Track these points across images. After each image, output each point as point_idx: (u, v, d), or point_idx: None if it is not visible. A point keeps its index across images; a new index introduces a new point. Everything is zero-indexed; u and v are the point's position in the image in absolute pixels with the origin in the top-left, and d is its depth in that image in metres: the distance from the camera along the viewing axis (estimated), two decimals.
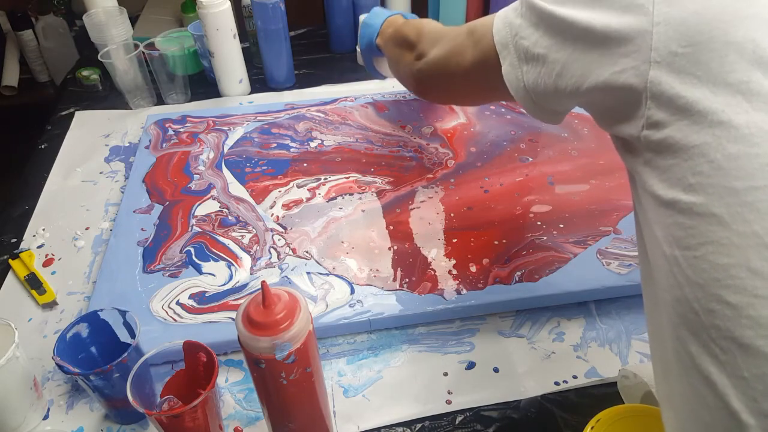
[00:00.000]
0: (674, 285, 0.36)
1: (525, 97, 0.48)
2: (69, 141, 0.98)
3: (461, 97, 0.71)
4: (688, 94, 0.35)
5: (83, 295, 0.72)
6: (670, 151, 0.36)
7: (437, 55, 0.63)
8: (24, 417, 0.59)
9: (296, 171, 0.87)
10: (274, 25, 1.02)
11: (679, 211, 0.35)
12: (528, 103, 0.49)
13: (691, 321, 0.35)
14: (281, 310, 0.45)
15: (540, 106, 0.49)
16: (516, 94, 0.49)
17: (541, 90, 0.46)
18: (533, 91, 0.47)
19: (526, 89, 0.48)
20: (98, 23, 0.99)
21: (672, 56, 0.35)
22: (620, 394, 0.59)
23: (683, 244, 0.35)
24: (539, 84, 0.46)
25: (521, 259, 0.71)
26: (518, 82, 0.48)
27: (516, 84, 0.48)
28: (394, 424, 0.59)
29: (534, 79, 0.46)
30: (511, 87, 0.49)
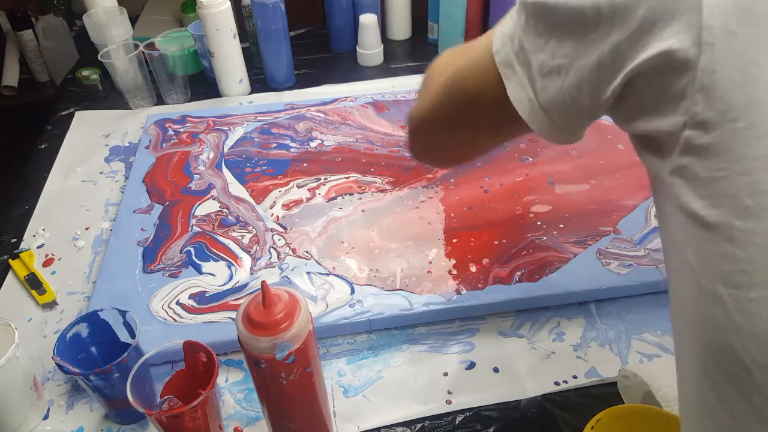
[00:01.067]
0: (713, 328, 0.30)
1: (541, 119, 0.40)
2: (69, 141, 0.98)
3: (459, 154, 0.59)
4: (750, 89, 0.28)
5: (83, 295, 0.72)
6: (718, 159, 0.29)
7: (422, 106, 0.54)
8: (24, 417, 0.59)
9: (296, 171, 0.87)
10: (274, 25, 1.02)
11: (727, 239, 0.28)
12: (544, 125, 0.41)
13: (736, 376, 0.29)
14: (281, 310, 0.45)
15: (560, 124, 0.41)
16: (530, 117, 0.41)
17: (567, 105, 0.38)
18: (554, 109, 0.39)
19: (543, 110, 0.40)
20: (98, 23, 0.99)
21: (730, 37, 0.28)
22: (620, 394, 0.59)
23: (732, 281, 0.28)
24: (564, 99, 0.38)
25: (521, 259, 0.71)
26: (531, 104, 0.40)
27: (528, 106, 0.40)
28: (394, 424, 0.59)
29: (554, 96, 0.38)
30: (522, 109, 0.41)
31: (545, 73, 0.38)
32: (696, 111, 0.29)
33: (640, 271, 0.69)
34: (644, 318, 0.66)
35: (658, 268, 0.69)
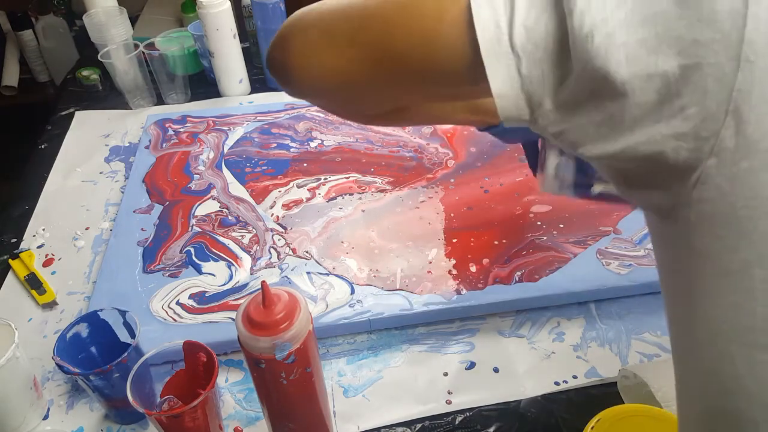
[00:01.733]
0: (720, 391, 0.27)
1: (506, 62, 0.31)
2: (69, 141, 0.98)
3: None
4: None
5: (83, 295, 0.72)
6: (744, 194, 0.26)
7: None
8: (24, 417, 0.59)
9: (296, 171, 0.87)
10: (274, 25, 1.01)
11: (746, 290, 0.26)
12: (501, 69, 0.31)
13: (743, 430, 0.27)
14: (281, 310, 0.45)
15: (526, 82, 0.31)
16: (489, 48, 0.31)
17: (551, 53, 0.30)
18: (530, 50, 0.30)
19: (512, 47, 0.30)
20: (98, 23, 0.99)
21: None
22: (620, 394, 0.59)
23: (746, 340, 0.26)
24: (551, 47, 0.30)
25: (521, 259, 0.71)
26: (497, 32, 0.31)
27: (493, 34, 0.31)
28: (394, 424, 0.59)
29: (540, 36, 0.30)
30: (483, 37, 0.31)
31: (537, 5, 0.30)
32: (724, 135, 0.26)
33: (640, 271, 0.69)
34: (644, 318, 0.66)
35: None
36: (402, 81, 0.38)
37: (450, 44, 0.33)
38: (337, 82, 0.39)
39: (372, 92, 0.41)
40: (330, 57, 0.38)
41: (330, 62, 0.38)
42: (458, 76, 0.34)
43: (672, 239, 0.30)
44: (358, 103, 0.44)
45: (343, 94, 0.41)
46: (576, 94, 0.30)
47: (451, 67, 0.34)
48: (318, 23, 0.39)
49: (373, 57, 0.36)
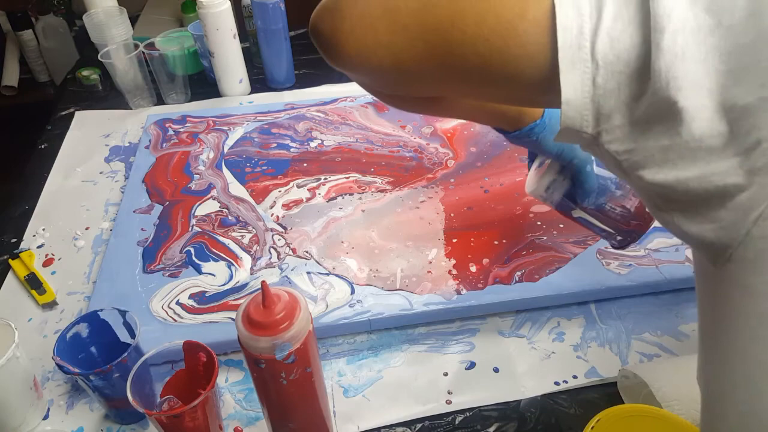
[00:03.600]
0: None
1: (582, 67, 0.30)
2: (69, 141, 0.98)
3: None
4: None
5: (83, 295, 0.72)
6: None
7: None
8: (24, 417, 0.59)
9: (296, 171, 0.87)
10: (274, 25, 1.02)
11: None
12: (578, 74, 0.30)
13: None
14: (281, 310, 0.45)
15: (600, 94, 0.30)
16: (566, 50, 0.30)
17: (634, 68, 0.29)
18: (612, 61, 0.29)
19: (592, 55, 0.29)
20: (98, 23, 0.99)
21: None
22: (620, 394, 0.59)
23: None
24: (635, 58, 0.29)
25: (521, 259, 0.71)
26: (579, 37, 0.30)
27: (575, 37, 0.30)
28: (394, 424, 0.59)
29: (625, 48, 0.29)
30: (564, 38, 0.30)
31: (624, 17, 0.29)
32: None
33: (640, 271, 0.69)
34: (644, 318, 0.66)
35: (658, 268, 0.69)
36: (460, 73, 0.35)
37: (526, 43, 0.31)
38: (390, 62, 0.36)
39: (423, 78, 0.38)
40: (388, 34, 0.35)
41: (387, 39, 0.36)
42: (523, 77, 0.33)
43: (722, 277, 0.29)
44: (403, 86, 0.42)
45: (392, 74, 0.38)
46: (649, 115, 0.29)
47: (520, 68, 0.32)
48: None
49: (436, 41, 0.34)
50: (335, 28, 0.38)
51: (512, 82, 0.34)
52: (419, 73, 0.37)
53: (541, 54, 0.31)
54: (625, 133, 0.30)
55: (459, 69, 0.35)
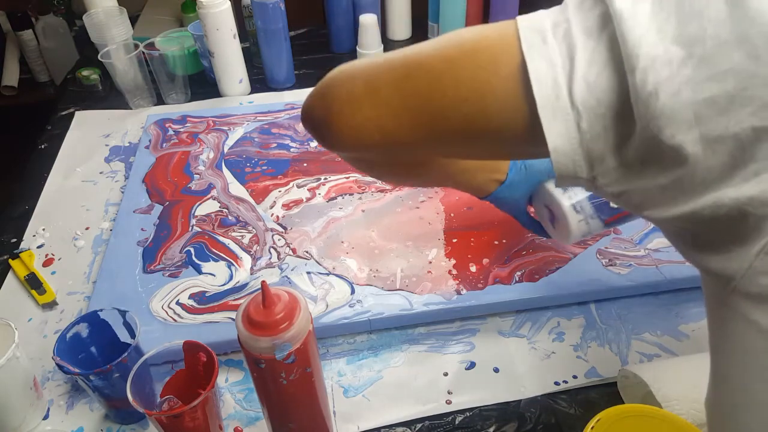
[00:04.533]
0: None
1: (563, 116, 0.30)
2: (69, 141, 0.98)
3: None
4: None
5: (83, 295, 0.72)
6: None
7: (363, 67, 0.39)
8: (24, 417, 0.59)
9: (296, 171, 0.87)
10: (274, 25, 1.02)
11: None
12: (563, 125, 0.30)
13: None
14: (281, 310, 0.45)
15: (587, 139, 0.31)
16: (545, 104, 0.30)
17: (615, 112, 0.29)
18: (593, 107, 0.30)
19: (572, 104, 0.30)
20: (98, 23, 0.99)
21: None
22: (620, 394, 0.59)
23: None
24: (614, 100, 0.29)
25: (521, 259, 0.71)
26: (556, 88, 0.30)
27: (551, 89, 0.30)
28: (394, 424, 0.59)
29: (604, 91, 0.29)
30: (540, 92, 0.30)
31: (598, 62, 0.29)
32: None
33: (640, 271, 0.69)
34: (644, 318, 0.66)
35: (658, 268, 0.69)
36: (446, 134, 0.36)
37: (504, 98, 0.32)
38: (380, 136, 0.38)
39: (415, 144, 0.39)
40: (374, 109, 0.37)
41: (374, 114, 0.37)
42: (508, 132, 0.33)
43: (728, 305, 0.29)
44: (396, 155, 0.43)
45: (384, 147, 0.39)
46: (641, 155, 0.29)
47: (503, 122, 0.33)
48: (361, 74, 0.38)
49: (419, 109, 0.35)
50: (325, 113, 0.40)
51: (499, 137, 0.34)
52: (409, 142, 0.38)
53: (521, 108, 0.31)
54: (621, 175, 0.30)
55: (446, 132, 0.36)
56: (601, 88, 0.29)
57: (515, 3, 1.12)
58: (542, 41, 0.31)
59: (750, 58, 0.25)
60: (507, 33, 0.32)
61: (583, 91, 0.29)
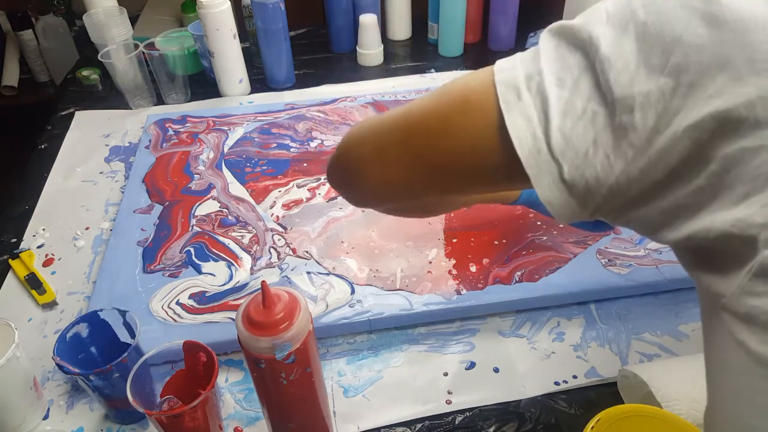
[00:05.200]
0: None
1: (546, 167, 0.31)
2: (69, 141, 0.98)
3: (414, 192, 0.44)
4: None
5: (83, 295, 0.72)
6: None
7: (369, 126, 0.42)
8: (24, 417, 0.59)
9: (296, 171, 0.87)
10: (274, 25, 1.02)
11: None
12: (547, 175, 0.32)
13: None
14: (281, 310, 0.45)
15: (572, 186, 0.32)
16: (529, 160, 0.32)
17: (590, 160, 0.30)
18: (571, 157, 0.31)
19: (552, 154, 0.31)
20: (98, 23, 0.99)
21: None
22: (620, 394, 0.59)
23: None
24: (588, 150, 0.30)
25: (521, 259, 0.71)
26: (536, 143, 0.31)
27: (531, 145, 0.31)
28: (394, 424, 0.59)
29: (578, 142, 0.30)
30: (522, 148, 0.32)
31: (571, 113, 0.30)
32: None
33: (640, 271, 0.69)
34: (644, 318, 0.66)
35: (658, 268, 0.69)
36: (454, 181, 0.39)
37: (491, 152, 0.34)
38: (394, 190, 0.42)
39: (426, 192, 0.42)
40: (385, 169, 0.40)
41: (385, 173, 0.40)
42: (502, 178, 0.36)
43: (720, 319, 0.29)
44: (411, 201, 0.47)
45: (401, 198, 0.43)
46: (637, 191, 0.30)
47: (495, 172, 0.35)
48: (370, 136, 0.41)
49: (425, 163, 0.38)
50: (342, 176, 0.45)
51: (504, 179, 0.36)
52: (422, 190, 0.42)
53: (509, 159, 0.33)
54: (619, 212, 0.32)
55: (454, 178, 0.38)
56: (578, 138, 0.30)
57: (515, 3, 1.12)
58: (517, 97, 0.32)
59: (733, 80, 0.26)
60: (488, 84, 0.33)
61: (560, 143, 0.30)
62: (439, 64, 1.15)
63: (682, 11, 0.28)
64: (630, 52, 0.29)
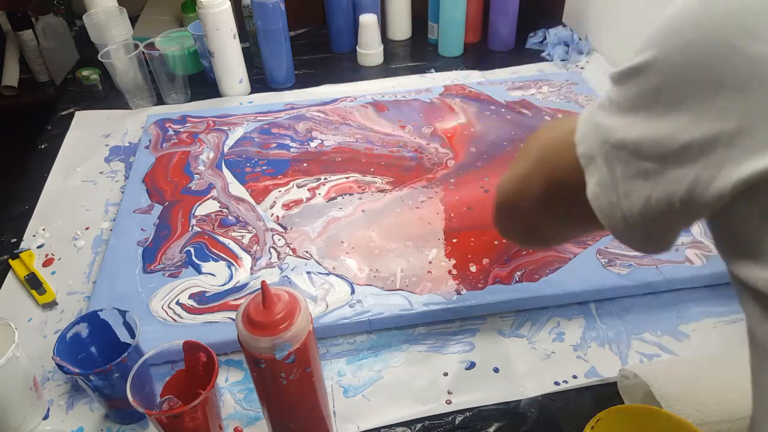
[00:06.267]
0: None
1: (623, 228, 0.35)
2: (69, 141, 0.98)
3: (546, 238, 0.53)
4: None
5: (83, 295, 0.72)
6: None
7: (501, 194, 0.51)
8: (24, 417, 0.59)
9: (296, 171, 0.87)
10: (274, 25, 1.02)
11: None
12: (627, 235, 0.36)
13: None
14: (281, 310, 0.45)
15: (647, 235, 0.35)
16: (610, 223, 0.35)
17: (653, 213, 0.33)
18: (638, 220, 0.34)
19: (624, 218, 0.34)
20: (98, 23, 0.99)
21: None
22: (620, 394, 0.59)
23: None
24: (650, 206, 0.32)
25: (521, 259, 0.71)
26: (612, 208, 0.35)
27: (609, 211, 0.35)
28: (394, 424, 0.59)
29: (642, 202, 0.33)
30: (602, 214, 0.35)
31: (630, 175, 0.33)
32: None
33: (640, 271, 0.69)
34: (644, 318, 0.66)
35: (658, 268, 0.69)
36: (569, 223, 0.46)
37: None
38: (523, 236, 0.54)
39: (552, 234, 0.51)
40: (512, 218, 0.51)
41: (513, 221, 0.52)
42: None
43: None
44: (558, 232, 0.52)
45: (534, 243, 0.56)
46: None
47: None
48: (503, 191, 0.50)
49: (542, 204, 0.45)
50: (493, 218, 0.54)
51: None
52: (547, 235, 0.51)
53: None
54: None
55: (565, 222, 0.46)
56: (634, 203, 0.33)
57: (515, 3, 1.12)
58: (595, 166, 0.35)
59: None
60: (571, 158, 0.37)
61: (628, 208, 0.34)
62: (439, 64, 1.15)
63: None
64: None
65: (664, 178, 0.31)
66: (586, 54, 1.13)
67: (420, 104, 1.00)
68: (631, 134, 0.32)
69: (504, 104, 0.99)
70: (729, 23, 0.28)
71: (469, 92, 1.02)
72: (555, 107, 0.98)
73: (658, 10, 1.03)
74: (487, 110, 0.98)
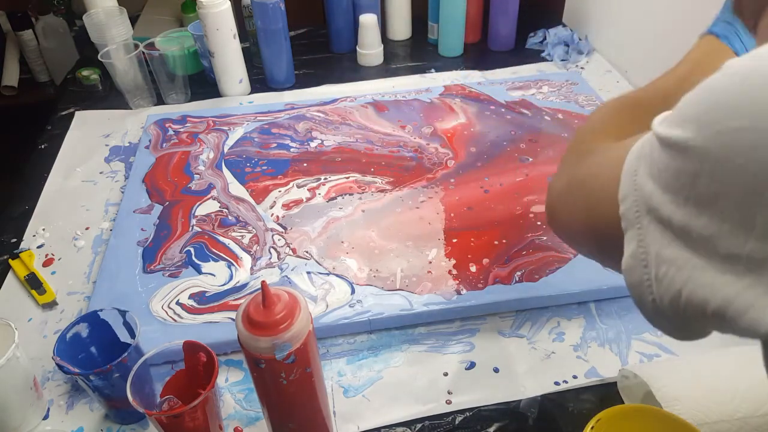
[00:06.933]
0: None
1: (652, 311, 0.33)
2: (69, 141, 0.98)
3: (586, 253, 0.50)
4: None
5: (83, 295, 0.72)
6: None
7: (556, 186, 0.49)
8: (24, 417, 0.59)
9: (296, 171, 0.87)
10: (274, 25, 1.02)
11: None
12: (657, 318, 0.34)
13: None
14: (281, 310, 0.45)
15: (678, 324, 0.32)
16: (638, 303, 0.34)
17: (683, 309, 0.29)
18: (671, 307, 0.30)
19: (654, 304, 0.32)
20: (98, 23, 0.99)
21: None
22: (620, 394, 0.59)
23: None
24: (680, 302, 0.29)
25: (521, 259, 0.71)
26: (643, 288, 0.32)
27: (639, 291, 0.33)
28: (394, 424, 0.59)
29: (673, 295, 0.30)
30: (632, 291, 0.33)
31: (664, 259, 0.29)
32: None
33: None
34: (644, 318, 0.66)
35: None
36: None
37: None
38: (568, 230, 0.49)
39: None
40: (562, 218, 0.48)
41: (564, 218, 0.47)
42: None
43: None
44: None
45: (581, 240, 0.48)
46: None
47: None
48: (555, 189, 0.49)
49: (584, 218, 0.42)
50: (546, 218, 0.52)
51: None
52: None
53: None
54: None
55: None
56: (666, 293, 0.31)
57: (515, 3, 1.12)
58: (632, 234, 0.32)
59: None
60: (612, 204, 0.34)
61: (659, 295, 0.31)
62: (439, 64, 1.15)
63: None
64: None
65: (699, 278, 0.27)
66: (586, 54, 1.13)
67: (420, 104, 1.00)
68: (676, 216, 0.28)
69: (504, 104, 0.99)
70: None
71: (469, 92, 1.02)
72: (555, 107, 0.98)
73: (658, 10, 1.03)
74: (487, 110, 0.98)
